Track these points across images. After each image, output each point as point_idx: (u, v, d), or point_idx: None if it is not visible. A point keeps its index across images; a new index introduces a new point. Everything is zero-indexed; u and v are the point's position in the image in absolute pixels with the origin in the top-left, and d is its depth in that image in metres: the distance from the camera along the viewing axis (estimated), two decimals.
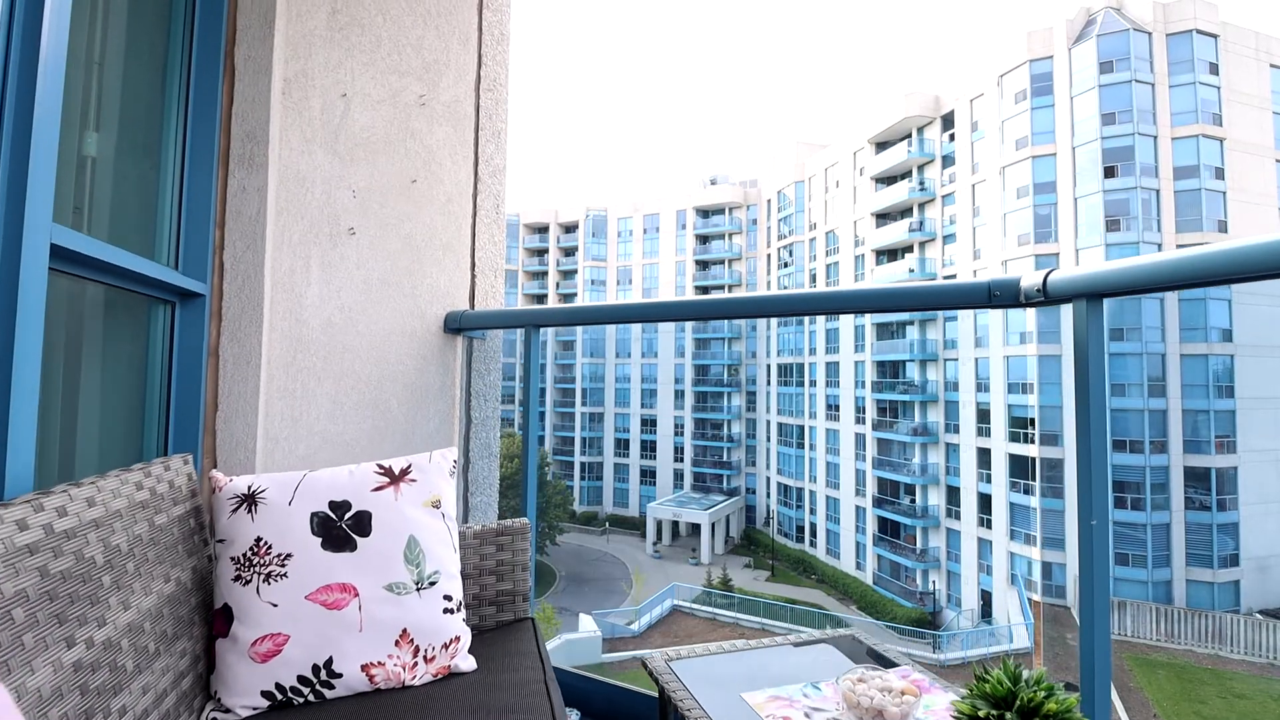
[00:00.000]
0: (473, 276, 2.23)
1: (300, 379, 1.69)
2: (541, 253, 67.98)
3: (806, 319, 49.84)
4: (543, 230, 67.92)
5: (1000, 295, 1.28)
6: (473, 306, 2.22)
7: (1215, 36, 30.79)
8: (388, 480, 1.22)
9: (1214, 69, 30.70)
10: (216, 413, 1.56)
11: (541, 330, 2.03)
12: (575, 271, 65.11)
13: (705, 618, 29.64)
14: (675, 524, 50.38)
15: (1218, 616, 26.91)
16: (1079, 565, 1.15)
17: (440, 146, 2.12)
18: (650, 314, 1.74)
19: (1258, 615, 27.99)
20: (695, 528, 48.04)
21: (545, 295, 66.73)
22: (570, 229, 67.04)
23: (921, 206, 40.49)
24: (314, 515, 1.15)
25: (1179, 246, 28.80)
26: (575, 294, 64.54)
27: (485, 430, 2.27)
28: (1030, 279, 1.28)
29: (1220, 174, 30.34)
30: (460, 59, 2.23)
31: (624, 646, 26.13)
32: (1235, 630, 26.31)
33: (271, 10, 1.64)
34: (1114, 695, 23.09)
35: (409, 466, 1.26)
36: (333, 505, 1.16)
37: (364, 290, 1.85)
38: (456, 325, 2.09)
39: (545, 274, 67.09)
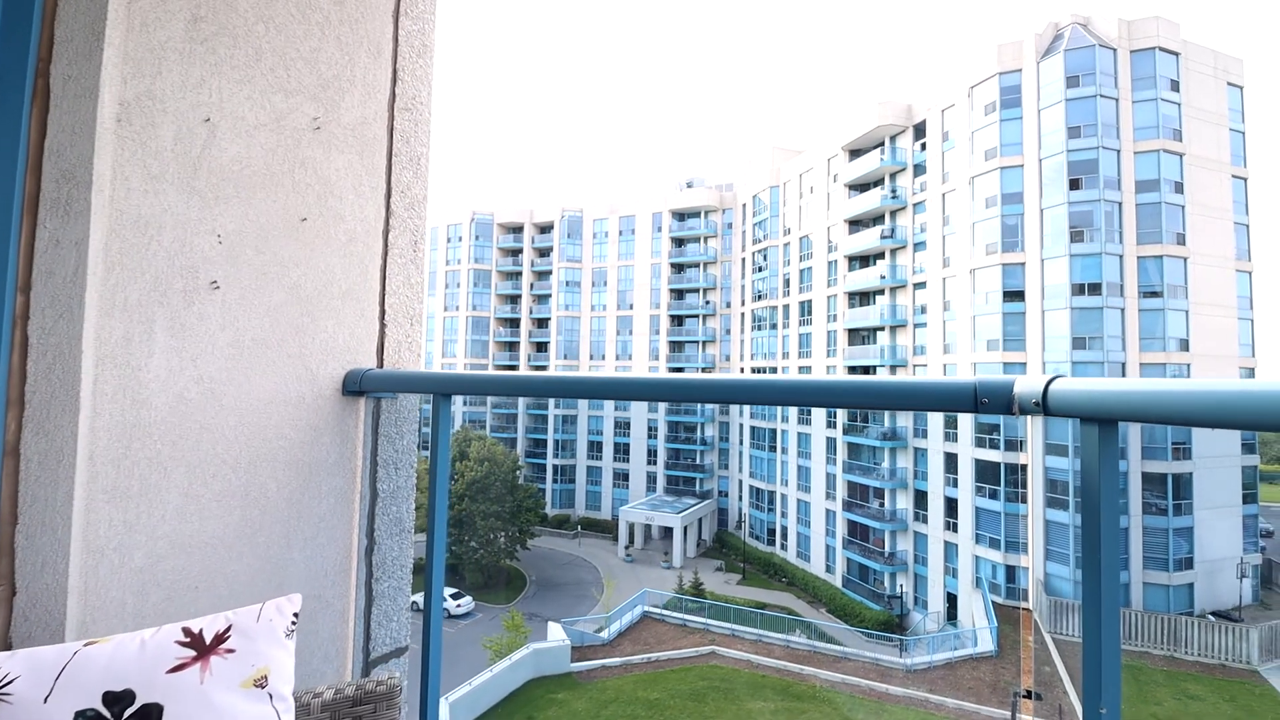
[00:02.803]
0: (382, 327, 1.91)
1: (138, 473, 1.37)
2: (516, 253, 67.28)
3: (780, 321, 50.07)
4: (517, 230, 67.22)
5: (989, 402, 1.02)
6: (381, 363, 1.91)
7: (1177, 54, 31.60)
8: (193, 655, 0.92)
9: (1175, 86, 31.51)
10: (15, 527, 1.24)
11: (455, 398, 1.74)
12: (550, 273, 64.58)
13: (676, 624, 29.44)
14: (648, 527, 50.21)
15: (1172, 619, 27.61)
16: None
17: (340, 177, 1.80)
18: (581, 389, 1.46)
19: (1210, 617, 28.78)
20: (668, 531, 47.94)
21: (519, 296, 66.08)
22: (545, 229, 66.46)
23: (893, 214, 40.91)
24: (79, 716, 0.84)
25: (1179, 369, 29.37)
26: (550, 295, 64.04)
27: (396, 503, 1.96)
28: (1026, 385, 1.02)
29: (1179, 188, 31.16)
30: (370, 74, 1.92)
31: (594, 655, 25.80)
32: (1189, 632, 27.03)
33: (101, 19, 1.32)
34: (1070, 694, 23.46)
35: (227, 630, 0.95)
36: (108, 698, 0.85)
37: (232, 355, 1.53)
38: (357, 387, 1.78)
39: (519, 274, 66.40)
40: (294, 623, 1.02)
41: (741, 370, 54.92)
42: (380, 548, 1.90)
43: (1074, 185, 31.44)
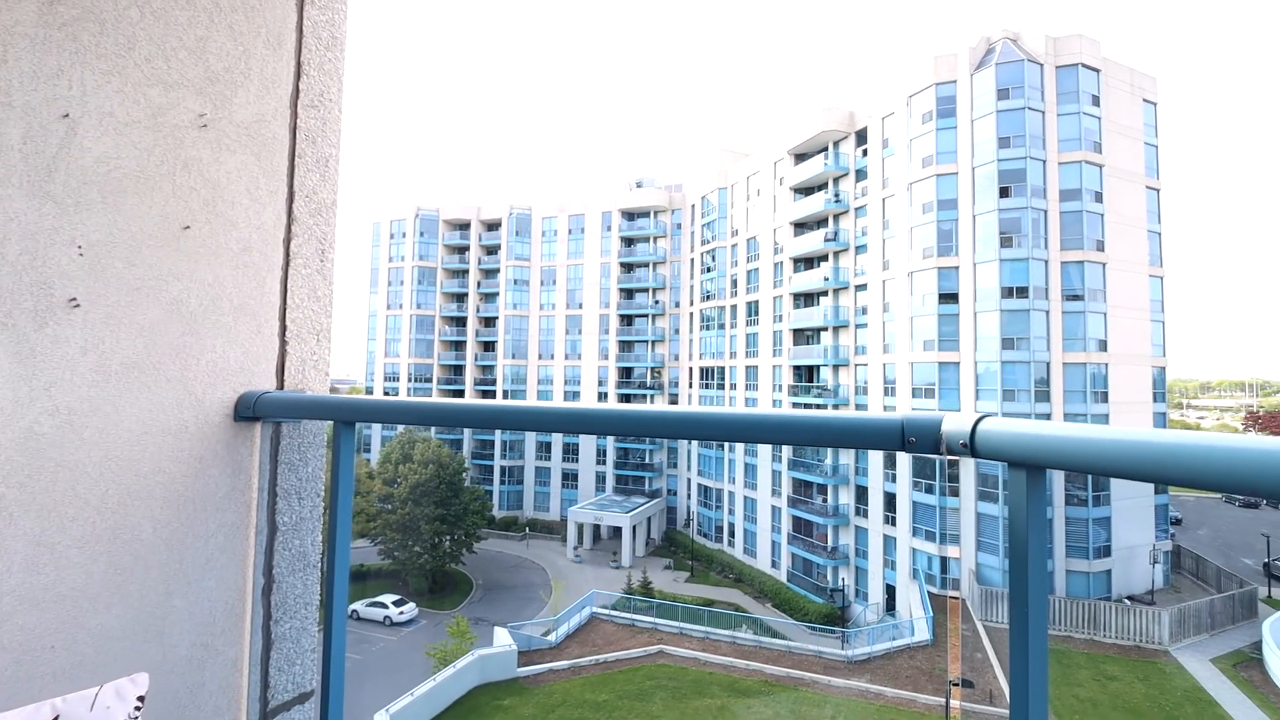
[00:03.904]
0: (282, 344, 1.75)
1: None
2: (462, 250, 65.84)
3: (728, 321, 50.65)
4: (464, 227, 65.78)
5: (917, 441, 0.98)
6: (281, 384, 1.75)
7: (1098, 71, 33.46)
8: None
9: (1096, 101, 33.37)
10: None
11: (361, 425, 1.60)
12: (498, 271, 63.47)
13: (624, 624, 29.40)
14: (597, 527, 50.02)
15: (1092, 604, 29.28)
16: None
17: (232, 180, 1.64)
18: (498, 418, 1.35)
19: (1126, 601, 30.69)
20: (617, 530, 47.87)
21: (466, 294, 64.72)
22: (493, 227, 65.27)
23: (836, 217, 41.94)
24: None
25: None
26: (497, 293, 62.97)
27: (300, 536, 1.81)
28: (954, 424, 0.98)
29: (1099, 198, 33.02)
30: (268, 68, 1.75)
31: (541, 659, 25.50)
32: (1107, 616, 28.70)
33: None
34: (1000, 679, 24.52)
35: None
36: None
37: (96, 383, 1.36)
38: (251, 412, 1.61)
39: (466, 272, 65.02)
40: (138, 708, 0.88)
41: (690, 371, 55.34)
42: (280, 586, 1.74)
43: (1004, 193, 32.91)
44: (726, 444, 48.92)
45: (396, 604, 35.60)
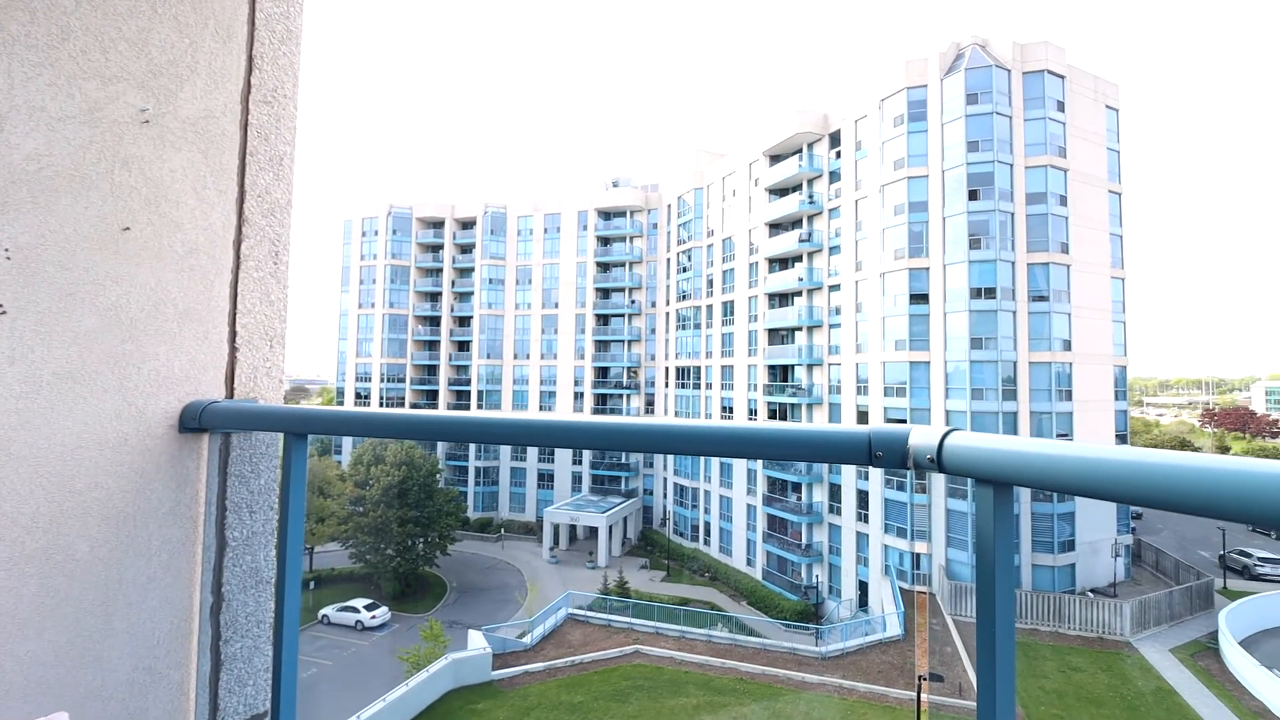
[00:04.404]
0: (232, 351, 1.68)
1: None
2: (436, 249, 65.06)
3: (703, 321, 50.84)
4: (437, 225, 65.02)
5: (884, 455, 0.97)
6: (231, 393, 1.67)
7: (1063, 78, 34.30)
8: None
9: (1061, 106, 34.19)
10: None
11: (314, 437, 1.53)
12: (472, 270, 62.86)
13: (600, 625, 29.34)
14: (573, 528, 49.86)
15: (1057, 597, 30.01)
16: None
17: (176, 178, 1.56)
18: (454, 430, 1.30)
19: (1089, 594, 31.53)
20: (593, 531, 47.77)
21: (440, 293, 63.98)
22: (467, 225, 64.62)
23: (810, 219, 42.35)
24: None
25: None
26: (472, 292, 62.36)
27: (252, 551, 1.73)
28: (921, 437, 0.97)
29: (1064, 201, 33.86)
30: (217, 61, 1.68)
31: (516, 661, 25.31)
32: (1072, 609, 29.45)
33: None
34: (969, 672, 24.97)
35: None
36: None
37: (25, 394, 1.28)
38: (197, 423, 1.54)
39: (440, 271, 64.27)
40: None
41: (666, 370, 55.43)
42: (231, 604, 1.66)
43: (973, 196, 33.54)
44: None
45: (368, 608, 35.06)
